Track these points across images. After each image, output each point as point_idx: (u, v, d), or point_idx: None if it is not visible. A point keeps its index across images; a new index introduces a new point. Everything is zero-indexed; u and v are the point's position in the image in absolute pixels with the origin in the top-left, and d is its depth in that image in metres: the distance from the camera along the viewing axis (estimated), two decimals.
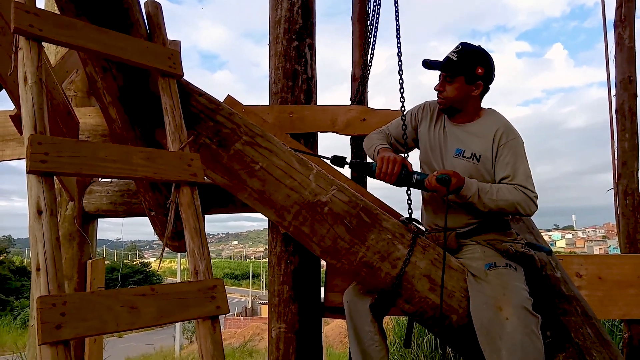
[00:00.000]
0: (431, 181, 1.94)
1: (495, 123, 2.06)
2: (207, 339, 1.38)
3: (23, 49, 1.38)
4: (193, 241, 1.51)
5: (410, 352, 5.87)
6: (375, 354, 2.00)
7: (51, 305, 1.11)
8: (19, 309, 25.47)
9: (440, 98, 2.10)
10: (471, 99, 2.08)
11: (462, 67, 2.01)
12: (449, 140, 2.11)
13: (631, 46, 3.14)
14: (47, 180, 1.26)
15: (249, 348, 18.44)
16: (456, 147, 2.08)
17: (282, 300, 2.57)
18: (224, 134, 1.91)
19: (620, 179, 3.15)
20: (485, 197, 1.93)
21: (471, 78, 2.02)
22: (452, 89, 2.05)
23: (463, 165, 2.04)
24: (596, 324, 1.96)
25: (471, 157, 2.04)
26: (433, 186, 1.94)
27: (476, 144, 2.05)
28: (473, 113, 2.11)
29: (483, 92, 2.10)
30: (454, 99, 2.06)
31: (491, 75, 2.07)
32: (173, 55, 1.75)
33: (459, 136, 2.10)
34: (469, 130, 2.10)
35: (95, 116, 2.96)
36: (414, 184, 2.03)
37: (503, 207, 1.93)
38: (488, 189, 1.94)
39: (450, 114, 2.14)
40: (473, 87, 2.04)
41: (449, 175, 1.91)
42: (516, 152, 2.01)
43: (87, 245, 3.03)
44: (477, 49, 2.05)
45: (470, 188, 1.93)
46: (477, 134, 2.07)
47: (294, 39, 2.68)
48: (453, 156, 2.07)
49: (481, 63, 2.03)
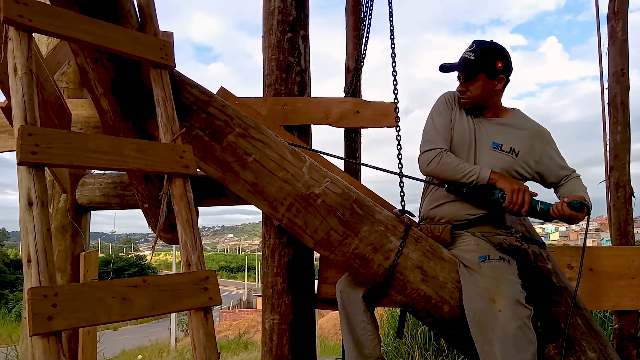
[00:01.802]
0: (563, 210, 1.91)
1: (530, 124, 2.13)
2: (200, 330, 1.39)
3: (13, 39, 1.37)
4: (185, 233, 1.51)
5: (404, 343, 5.92)
6: (367, 343, 2.01)
7: (42, 296, 1.11)
8: (13, 302, 25.43)
9: (464, 98, 2.09)
10: (495, 94, 2.09)
11: (482, 65, 2.02)
12: (484, 133, 2.10)
13: (624, 39, 3.15)
14: (38, 172, 1.25)
15: (244, 340, 18.51)
16: (492, 140, 2.07)
17: (276, 292, 2.57)
18: (216, 125, 1.90)
19: (611, 171, 3.17)
20: (589, 201, 1.98)
21: (492, 73, 2.03)
22: (475, 88, 2.05)
23: (501, 158, 2.05)
24: (586, 315, 1.99)
25: (510, 151, 2.05)
26: (567, 214, 1.91)
27: (514, 140, 2.07)
28: (497, 108, 2.14)
29: (505, 85, 2.10)
30: (479, 97, 2.07)
31: (510, 67, 2.08)
32: (165, 46, 1.74)
33: (493, 129, 2.10)
34: (502, 124, 2.11)
35: (87, 108, 2.94)
36: (537, 213, 1.96)
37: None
38: (585, 190, 2.06)
39: (475, 112, 2.13)
40: (495, 81, 2.05)
41: (581, 200, 1.90)
42: (555, 149, 2.13)
43: (80, 238, 3.03)
44: (492, 44, 2.06)
45: (589, 200, 1.98)
46: (513, 131, 2.09)
47: (288, 30, 2.67)
48: (490, 149, 2.06)
49: (499, 57, 2.04)
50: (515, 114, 2.16)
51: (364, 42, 3.11)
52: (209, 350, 1.37)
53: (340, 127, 2.96)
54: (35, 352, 1.08)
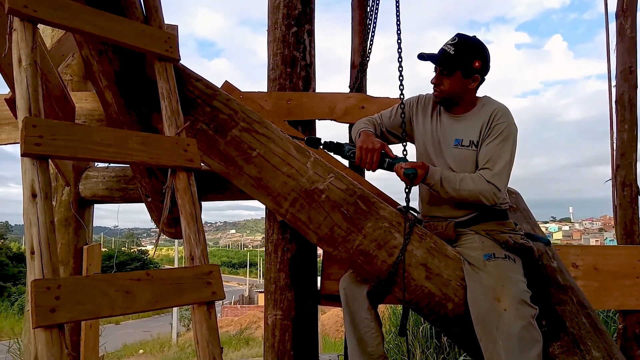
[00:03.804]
0: (398, 171, 1.97)
1: (490, 107, 2.06)
2: (203, 325, 1.38)
3: (17, 30, 1.36)
4: (189, 227, 1.50)
5: (406, 341, 5.91)
6: (371, 341, 2.00)
7: (45, 288, 1.10)
8: (16, 295, 25.53)
9: (437, 91, 2.08)
10: (468, 93, 2.07)
11: (459, 62, 1.99)
12: (447, 132, 2.10)
13: (632, 36, 3.12)
14: (42, 164, 1.24)
15: (246, 336, 18.57)
16: (455, 137, 2.07)
17: (279, 288, 2.57)
18: (220, 119, 1.89)
19: (618, 170, 3.14)
20: (447, 186, 1.96)
21: (468, 72, 2.01)
22: (448, 83, 2.03)
23: (463, 154, 2.04)
24: (591, 314, 1.97)
25: (469, 144, 2.04)
26: (400, 177, 1.96)
27: (473, 131, 2.05)
28: (469, 104, 2.11)
29: (479, 84, 2.09)
30: (450, 93, 2.05)
31: (487, 67, 2.06)
32: (170, 38, 1.72)
33: (457, 127, 2.09)
34: (466, 118, 2.09)
35: (91, 100, 2.93)
36: (386, 168, 2.03)
37: (465, 196, 1.96)
38: (452, 178, 1.97)
39: (447, 106, 2.13)
40: (470, 80, 2.03)
41: (416, 169, 1.93)
42: (499, 140, 1.98)
43: (83, 231, 3.02)
44: (473, 40, 2.03)
45: (434, 176, 1.96)
46: (474, 122, 2.06)
47: (293, 24, 2.65)
48: (452, 147, 2.07)
49: (478, 56, 2.01)
50: (480, 103, 2.11)
51: (370, 37, 3.09)
52: (212, 344, 1.36)
53: (345, 123, 2.95)
54: (37, 345, 1.07)
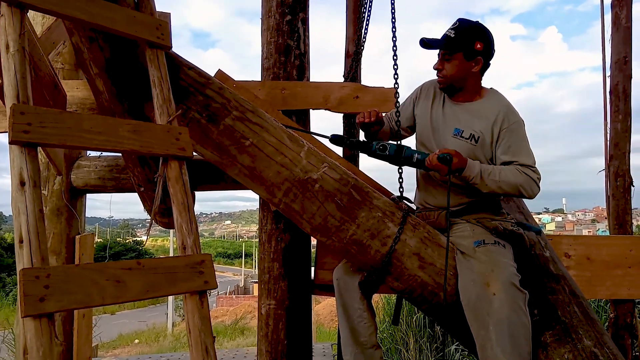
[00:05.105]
0: (432, 160, 1.92)
1: (497, 105, 2.03)
2: (195, 314, 1.37)
3: (5, 15, 1.33)
4: (181, 216, 1.49)
5: (400, 330, 5.95)
6: (363, 331, 2.01)
7: (34, 277, 1.09)
8: (11, 285, 25.48)
9: (440, 77, 2.06)
10: (471, 76, 2.04)
11: (460, 44, 1.97)
12: (448, 119, 2.08)
13: (628, 26, 3.11)
14: (30, 151, 1.23)
15: (241, 326, 18.63)
16: (455, 126, 2.05)
17: (272, 277, 2.57)
18: (213, 108, 1.88)
19: (611, 160, 3.15)
20: (488, 179, 1.91)
21: (470, 54, 1.99)
22: (451, 67, 2.01)
23: (460, 145, 2.01)
24: (583, 303, 1.98)
25: (469, 137, 2.01)
26: (434, 165, 1.91)
27: (476, 124, 2.02)
28: (474, 91, 2.08)
29: (483, 69, 2.05)
30: (453, 77, 2.03)
31: (491, 51, 2.03)
32: (161, 25, 1.70)
33: (459, 115, 2.06)
34: (469, 109, 2.06)
35: (83, 89, 2.90)
36: (415, 164, 2.01)
37: (506, 189, 1.92)
38: (491, 170, 1.93)
39: (450, 92, 2.10)
40: (472, 63, 2.00)
41: (451, 154, 1.89)
42: (518, 135, 1.99)
43: (75, 221, 3.01)
44: (475, 24, 2.01)
45: (473, 169, 1.91)
46: (478, 115, 2.03)
47: (287, 12, 2.63)
48: (451, 136, 2.04)
49: (480, 38, 1.98)
50: (487, 95, 2.08)
51: (365, 26, 3.07)
52: (204, 333, 1.36)
53: (340, 113, 2.94)
54: (27, 334, 1.06)
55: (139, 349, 14.86)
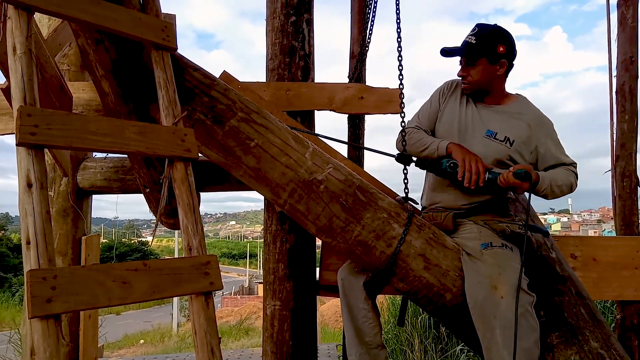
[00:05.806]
0: (508, 178, 1.87)
1: (530, 113, 2.06)
2: (201, 315, 1.38)
3: (12, 18, 1.34)
4: (187, 217, 1.49)
5: (405, 331, 5.93)
6: (368, 331, 2.01)
7: (41, 278, 1.10)
8: (17, 286, 25.62)
9: (465, 83, 2.06)
10: (497, 79, 2.04)
11: (483, 49, 1.97)
12: (479, 120, 2.07)
13: (634, 26, 3.09)
14: (37, 153, 1.23)
15: (246, 326, 18.64)
16: (487, 128, 2.04)
17: (277, 278, 2.57)
18: (219, 109, 1.88)
19: (618, 160, 3.13)
20: (554, 187, 1.95)
21: (494, 58, 1.99)
22: (476, 73, 2.01)
23: (495, 147, 2.01)
24: (590, 304, 1.97)
25: (504, 140, 2.01)
26: (511, 183, 1.87)
27: (510, 128, 2.02)
28: (500, 94, 2.09)
29: (508, 70, 2.05)
30: (479, 82, 2.03)
31: (513, 52, 2.02)
32: (167, 27, 1.70)
33: (490, 117, 2.06)
34: (501, 112, 2.06)
35: (89, 91, 2.91)
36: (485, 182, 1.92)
37: (565, 191, 1.99)
38: (553, 177, 1.97)
39: (477, 97, 2.09)
40: (497, 66, 2.01)
41: (526, 170, 1.87)
42: (555, 138, 2.06)
43: (81, 222, 3.02)
44: (494, 27, 2.01)
45: (545, 180, 1.94)
46: (511, 119, 2.04)
47: (292, 13, 2.63)
48: (483, 136, 2.03)
49: (501, 41, 1.98)
50: (517, 101, 2.10)
51: (370, 26, 3.07)
52: (209, 335, 1.36)
53: (344, 113, 2.94)
54: (34, 335, 1.07)
55: (144, 349, 14.90)
